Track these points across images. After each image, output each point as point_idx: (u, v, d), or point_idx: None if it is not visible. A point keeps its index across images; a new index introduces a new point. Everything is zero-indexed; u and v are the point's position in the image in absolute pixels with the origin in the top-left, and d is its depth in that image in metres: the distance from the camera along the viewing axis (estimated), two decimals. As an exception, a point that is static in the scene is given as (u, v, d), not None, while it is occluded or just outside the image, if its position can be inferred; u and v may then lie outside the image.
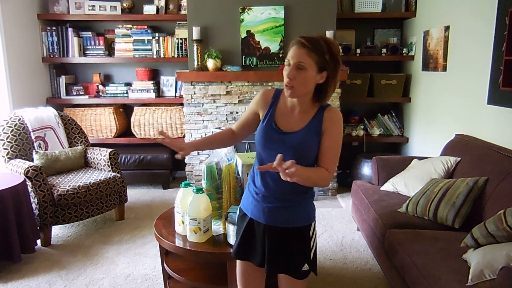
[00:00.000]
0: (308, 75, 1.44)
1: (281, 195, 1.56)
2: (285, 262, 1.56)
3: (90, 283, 2.60)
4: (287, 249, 1.56)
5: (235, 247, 1.68)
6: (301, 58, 1.42)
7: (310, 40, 1.43)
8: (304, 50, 1.42)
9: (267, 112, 1.60)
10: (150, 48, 4.40)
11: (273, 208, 1.56)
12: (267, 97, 1.63)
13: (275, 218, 1.56)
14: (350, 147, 4.63)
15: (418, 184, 2.80)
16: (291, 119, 1.56)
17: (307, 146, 1.51)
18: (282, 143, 1.52)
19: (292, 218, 1.56)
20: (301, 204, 1.58)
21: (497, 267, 1.68)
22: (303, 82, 1.45)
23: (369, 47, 4.36)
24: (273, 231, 1.57)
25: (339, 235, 3.28)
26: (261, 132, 1.58)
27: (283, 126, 1.56)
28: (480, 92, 2.96)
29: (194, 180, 4.20)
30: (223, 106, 4.09)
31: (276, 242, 1.56)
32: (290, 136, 1.53)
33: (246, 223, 1.64)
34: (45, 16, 4.31)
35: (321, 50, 1.42)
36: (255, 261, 1.62)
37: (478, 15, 3.01)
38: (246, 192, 1.70)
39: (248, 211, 1.65)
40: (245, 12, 3.96)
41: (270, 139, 1.55)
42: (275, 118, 1.57)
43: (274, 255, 1.56)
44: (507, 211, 1.93)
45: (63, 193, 3.08)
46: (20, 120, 3.43)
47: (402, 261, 2.11)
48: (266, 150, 1.57)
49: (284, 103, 1.59)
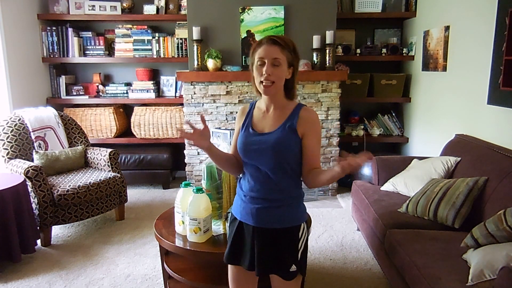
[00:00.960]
0: (283, 71, 1.52)
1: (268, 195, 1.57)
2: (274, 262, 1.57)
3: (90, 283, 2.60)
4: (275, 249, 1.56)
5: (226, 252, 1.68)
6: (276, 54, 1.50)
7: (280, 38, 1.53)
8: (278, 47, 1.51)
9: (244, 122, 1.65)
10: (150, 48, 4.40)
11: (261, 209, 1.57)
12: (243, 111, 1.70)
13: (263, 219, 1.57)
14: (350, 147, 4.63)
15: (418, 184, 2.80)
16: (267, 119, 1.60)
17: (285, 144, 1.54)
18: (260, 144, 1.56)
19: (280, 218, 1.57)
20: (290, 204, 1.59)
21: (497, 267, 1.68)
22: (280, 77, 1.53)
23: (369, 47, 4.36)
24: (261, 232, 1.57)
25: (339, 235, 3.28)
26: (240, 139, 1.62)
27: (260, 129, 1.60)
28: (480, 92, 2.96)
29: (194, 180, 4.20)
30: (223, 106, 4.09)
31: (264, 243, 1.57)
32: (267, 136, 1.56)
33: (236, 227, 1.65)
34: (45, 16, 4.31)
35: (290, 47, 1.54)
36: (244, 265, 1.62)
37: (478, 15, 3.01)
38: (236, 196, 1.71)
39: (237, 214, 1.66)
40: (245, 12, 3.96)
41: (249, 143, 1.58)
42: (252, 123, 1.63)
43: (263, 256, 1.57)
44: (507, 211, 1.93)
45: (63, 193, 3.08)
46: (20, 120, 3.43)
47: (402, 261, 2.11)
48: (247, 155, 1.59)
49: (259, 108, 1.65)
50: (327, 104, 4.05)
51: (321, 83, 4.00)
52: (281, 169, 1.55)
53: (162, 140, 4.48)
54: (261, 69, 1.51)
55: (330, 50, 3.96)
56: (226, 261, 1.68)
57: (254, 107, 1.67)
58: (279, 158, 1.54)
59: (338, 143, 4.14)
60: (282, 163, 1.54)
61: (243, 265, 1.63)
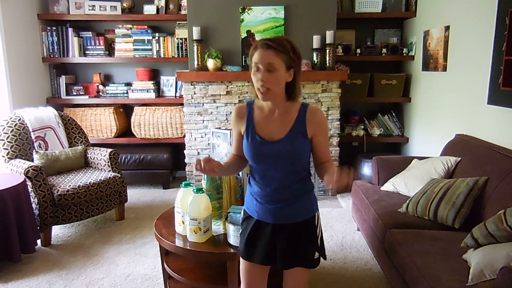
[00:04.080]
0: (280, 75, 1.47)
1: (282, 197, 1.61)
2: (298, 255, 1.62)
3: (90, 283, 2.60)
4: (298, 242, 1.61)
5: (243, 248, 1.69)
6: (270, 59, 1.45)
7: (274, 41, 1.47)
8: (272, 51, 1.45)
9: (247, 127, 1.61)
10: (150, 48, 4.40)
11: (279, 208, 1.61)
12: (240, 113, 1.64)
13: (282, 217, 1.61)
14: (350, 147, 4.63)
15: (418, 184, 2.80)
16: (273, 124, 1.57)
17: (298, 150, 1.56)
18: (272, 153, 1.55)
19: (298, 212, 1.62)
20: (303, 198, 1.63)
21: (497, 267, 1.68)
22: (277, 82, 1.48)
23: (369, 47, 4.36)
24: (282, 228, 1.62)
25: (339, 235, 3.28)
26: (248, 149, 1.59)
27: (267, 135, 1.57)
28: (480, 92, 2.96)
29: (194, 180, 4.20)
30: (223, 106, 4.09)
31: (287, 238, 1.61)
32: (278, 145, 1.55)
33: (253, 224, 1.66)
34: (45, 16, 4.31)
35: (287, 49, 1.47)
36: (257, 259, 1.66)
37: (478, 15, 3.01)
38: (248, 195, 1.72)
39: (253, 213, 1.67)
40: (245, 12, 3.96)
41: (260, 154, 1.57)
42: (256, 129, 1.59)
43: (287, 251, 1.61)
44: (507, 211, 1.93)
45: (63, 193, 3.08)
46: (20, 120, 3.43)
47: (402, 261, 2.11)
48: (260, 164, 1.60)
49: (261, 111, 1.61)
50: (327, 104, 4.05)
51: (321, 83, 4.00)
52: (295, 172, 1.59)
53: (162, 140, 4.48)
54: (257, 75, 1.48)
55: (330, 50, 3.96)
56: (244, 257, 1.71)
57: (253, 109, 1.63)
58: (293, 164, 1.58)
59: (338, 143, 4.14)
60: (295, 167, 1.59)
61: (256, 260, 1.66)
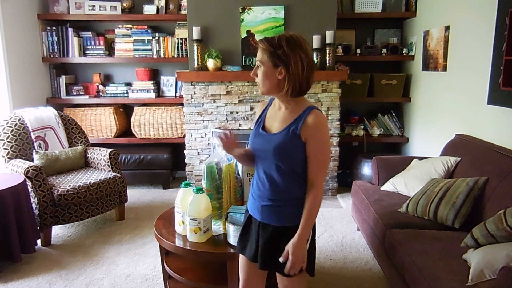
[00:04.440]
0: (266, 72, 1.53)
1: (271, 196, 1.61)
2: (273, 259, 1.59)
3: (90, 283, 2.60)
4: (277, 246, 1.59)
5: (238, 241, 1.76)
6: (258, 56, 1.55)
7: (266, 39, 1.54)
8: (260, 49, 1.54)
9: (259, 118, 1.69)
10: (150, 48, 4.40)
11: (266, 207, 1.62)
12: (263, 105, 1.74)
13: (267, 216, 1.62)
14: (350, 147, 4.63)
15: (418, 184, 2.80)
16: (277, 119, 1.62)
17: (287, 146, 1.53)
18: (264, 145, 1.59)
19: (282, 217, 1.60)
20: (293, 205, 1.58)
21: (497, 267, 1.68)
22: (262, 78, 1.54)
23: (369, 47, 4.36)
24: (266, 228, 1.63)
25: (339, 235, 3.28)
26: (250, 136, 1.68)
27: (269, 128, 1.63)
28: (480, 92, 2.96)
29: (194, 180, 4.20)
30: (223, 106, 4.09)
31: (267, 239, 1.61)
32: (272, 137, 1.58)
33: (247, 219, 1.73)
34: (45, 16, 4.31)
35: (274, 46, 1.50)
36: (248, 255, 1.68)
37: (478, 15, 3.01)
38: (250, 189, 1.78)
39: (249, 207, 1.73)
40: (245, 12, 3.96)
41: (256, 142, 1.64)
42: (264, 121, 1.66)
43: (265, 251, 1.62)
44: (507, 211, 1.93)
45: (63, 193, 3.08)
46: (20, 120, 3.43)
47: (402, 261, 2.11)
48: (255, 153, 1.66)
49: (273, 107, 1.67)
50: (327, 104, 4.05)
51: (321, 83, 4.00)
52: (284, 172, 1.57)
53: (162, 140, 4.48)
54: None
55: (330, 50, 3.96)
56: (238, 250, 1.76)
57: (271, 104, 1.69)
58: (280, 161, 1.55)
59: (338, 143, 4.14)
60: (284, 166, 1.56)
61: (247, 255, 1.69)
